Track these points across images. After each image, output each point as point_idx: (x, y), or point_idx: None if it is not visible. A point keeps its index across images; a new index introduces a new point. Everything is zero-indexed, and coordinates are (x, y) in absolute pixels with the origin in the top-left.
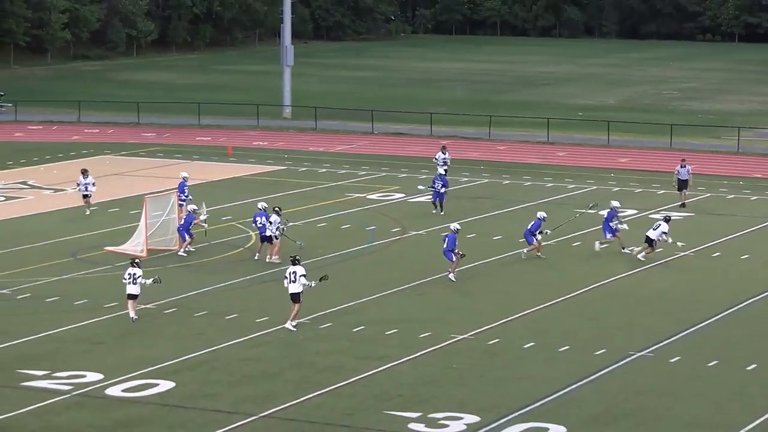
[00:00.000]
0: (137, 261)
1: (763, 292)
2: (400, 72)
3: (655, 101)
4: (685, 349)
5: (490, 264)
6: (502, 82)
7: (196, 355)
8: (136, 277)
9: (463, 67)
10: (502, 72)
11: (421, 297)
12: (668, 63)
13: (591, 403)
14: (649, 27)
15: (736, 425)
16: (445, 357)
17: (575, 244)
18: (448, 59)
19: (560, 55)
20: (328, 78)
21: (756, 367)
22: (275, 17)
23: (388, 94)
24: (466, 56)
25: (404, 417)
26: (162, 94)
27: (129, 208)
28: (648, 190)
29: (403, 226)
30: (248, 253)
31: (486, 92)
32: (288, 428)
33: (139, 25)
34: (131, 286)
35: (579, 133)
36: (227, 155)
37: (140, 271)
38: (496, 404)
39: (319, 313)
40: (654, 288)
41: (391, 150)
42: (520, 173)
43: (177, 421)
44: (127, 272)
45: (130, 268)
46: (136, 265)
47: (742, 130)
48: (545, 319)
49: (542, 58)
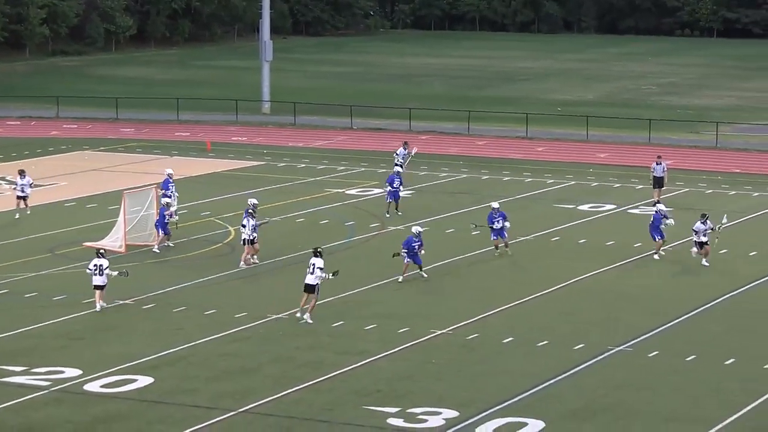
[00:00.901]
0: (102, 251)
1: (741, 287)
2: (379, 67)
3: (633, 96)
4: (662, 344)
5: (469, 259)
6: (481, 78)
7: (175, 350)
8: (103, 268)
9: (442, 62)
10: (481, 67)
11: (400, 292)
12: (647, 58)
13: (569, 397)
14: (627, 22)
15: (713, 420)
16: (423, 352)
17: (554, 239)
18: (427, 54)
19: (539, 50)
20: (307, 73)
21: (734, 362)
22: (254, 12)
23: (367, 89)
24: (445, 51)
25: (383, 412)
26: (141, 90)
27: (107, 203)
28: (627, 185)
29: (382, 222)
30: (227, 249)
31: (465, 87)
32: (267, 423)
33: (117, 20)
34: (97, 277)
35: (558, 128)
36: (206, 151)
37: (106, 262)
38: (474, 399)
39: (297, 308)
40: (632, 283)
41: (370, 145)
42: (499, 168)
43: (155, 417)
44: (93, 263)
45: (95, 259)
46: (102, 256)
47: (720, 125)
48: (523, 314)
49: (521, 54)
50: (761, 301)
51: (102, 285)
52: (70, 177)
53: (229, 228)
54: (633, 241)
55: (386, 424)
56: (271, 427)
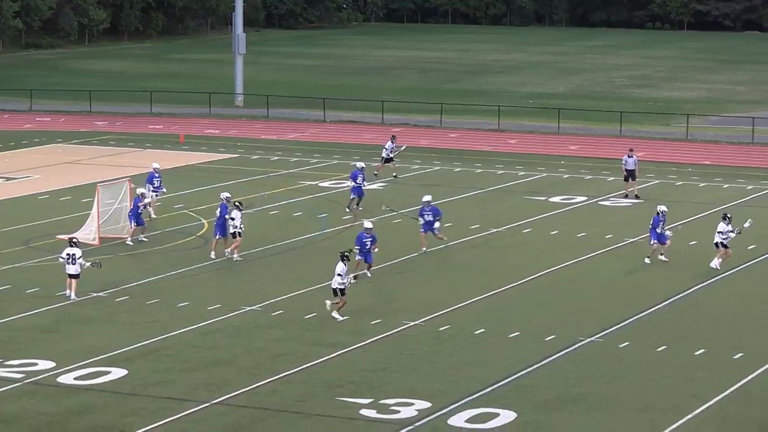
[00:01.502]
0: (75, 240)
1: (711, 279)
2: (351, 60)
3: (605, 89)
4: (634, 335)
5: (441, 250)
6: (454, 71)
7: (149, 342)
8: (76, 257)
9: (414, 55)
10: (453, 60)
11: (371, 284)
12: (618, 51)
13: (542, 388)
14: (599, 15)
15: (684, 409)
16: (396, 343)
17: (525, 231)
18: (400, 47)
19: (511, 43)
20: (280, 66)
21: (704, 353)
22: (227, 5)
23: (340, 82)
24: (418, 44)
25: (356, 403)
26: (114, 83)
27: (81, 196)
28: (598, 177)
29: (355, 214)
30: (201, 241)
31: (437, 80)
32: (240, 415)
33: (90, 13)
34: (70, 266)
35: (529, 120)
36: (179, 143)
37: (79, 252)
38: (447, 390)
39: (271, 300)
40: (603, 275)
41: (342, 138)
42: (472, 161)
43: (129, 409)
44: (66, 252)
45: (68, 248)
46: (75, 245)
47: (691, 117)
48: (496, 305)
49: (493, 47)
50: (731, 292)
51: (76, 274)
52: (44, 170)
53: (203, 220)
54: (604, 232)
55: (359, 415)
56: (245, 418)
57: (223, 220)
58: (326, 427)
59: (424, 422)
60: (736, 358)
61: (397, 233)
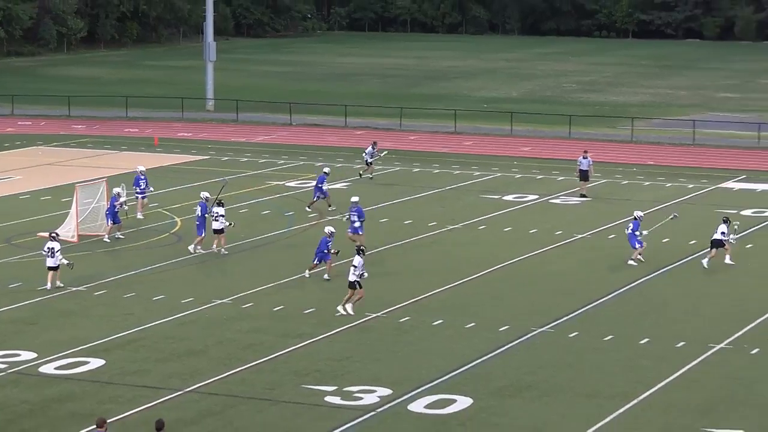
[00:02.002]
0: (54, 234)
1: (655, 272)
2: (316, 67)
3: (555, 93)
4: (582, 326)
5: (401, 246)
6: (413, 76)
7: (125, 334)
8: (55, 251)
9: (375, 62)
10: (412, 66)
11: (337, 278)
12: (567, 57)
13: (496, 375)
14: (549, 24)
15: (630, 395)
16: (359, 334)
17: (481, 227)
18: (362, 55)
19: (466, 50)
20: (249, 72)
21: (648, 341)
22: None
23: (305, 87)
24: (379, 52)
25: (321, 390)
26: (92, 89)
27: (61, 195)
28: (549, 176)
29: (320, 212)
30: (174, 238)
31: (397, 86)
32: (212, 402)
33: (69, 23)
34: (50, 259)
35: (484, 123)
36: (154, 146)
37: (58, 245)
38: (407, 378)
39: (241, 293)
40: (553, 268)
41: (308, 140)
42: (430, 161)
43: (107, 397)
44: (46, 246)
45: (49, 242)
46: (54, 239)
47: (635, 120)
48: (453, 298)
49: (450, 54)
50: (673, 285)
51: (55, 266)
52: (25, 171)
53: (176, 219)
54: (554, 228)
55: (324, 402)
56: (217, 405)
57: (203, 218)
58: (293, 413)
59: (386, 408)
60: (678, 347)
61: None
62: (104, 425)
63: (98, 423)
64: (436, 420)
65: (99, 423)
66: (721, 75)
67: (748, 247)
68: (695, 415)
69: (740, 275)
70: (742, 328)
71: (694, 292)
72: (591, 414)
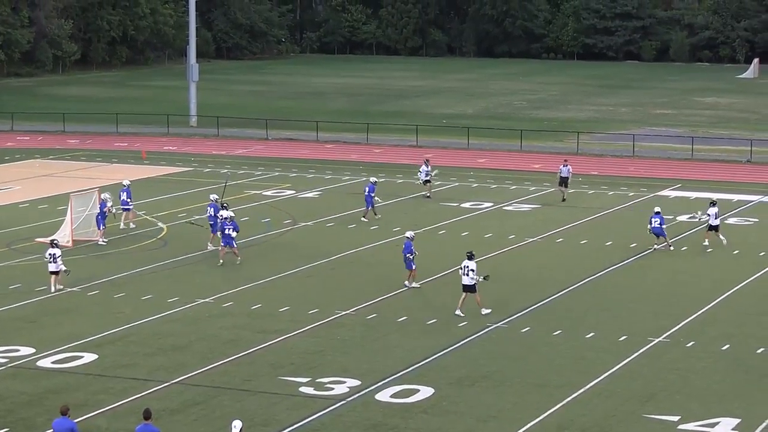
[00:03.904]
0: (56, 242)
1: (600, 271)
2: (290, 86)
3: (507, 110)
4: (534, 321)
5: (369, 249)
6: (378, 95)
7: (116, 330)
8: (56, 256)
9: (344, 81)
10: (377, 86)
11: (310, 279)
12: (518, 78)
13: (455, 367)
14: (502, 47)
15: (576, 385)
16: (330, 330)
17: (441, 233)
18: (332, 75)
19: (427, 71)
20: (229, 92)
21: (593, 336)
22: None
23: (280, 105)
24: (347, 72)
25: (296, 381)
26: (85, 107)
27: (56, 204)
28: (502, 186)
29: (294, 219)
30: (160, 243)
31: (364, 103)
32: (196, 392)
33: (64, 46)
34: (51, 264)
35: (443, 137)
36: (142, 158)
37: (59, 252)
38: (374, 369)
39: (222, 293)
40: (507, 269)
41: (283, 153)
42: (394, 172)
43: (100, 388)
44: (48, 252)
45: (50, 249)
46: (55, 246)
47: (581, 134)
48: (416, 297)
49: (412, 74)
50: (617, 283)
51: (56, 271)
52: (24, 182)
53: (162, 225)
54: (507, 233)
55: (298, 392)
56: (200, 396)
57: (215, 218)
58: (270, 402)
59: (355, 398)
60: (621, 340)
61: (331, 236)
62: (67, 413)
63: (62, 411)
64: (401, 408)
65: (63, 411)
66: (657, 93)
67: (683, 250)
68: (636, 403)
69: (677, 275)
70: (678, 323)
71: (635, 290)
72: (541, 402)
